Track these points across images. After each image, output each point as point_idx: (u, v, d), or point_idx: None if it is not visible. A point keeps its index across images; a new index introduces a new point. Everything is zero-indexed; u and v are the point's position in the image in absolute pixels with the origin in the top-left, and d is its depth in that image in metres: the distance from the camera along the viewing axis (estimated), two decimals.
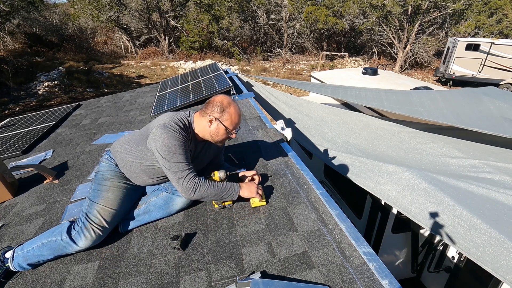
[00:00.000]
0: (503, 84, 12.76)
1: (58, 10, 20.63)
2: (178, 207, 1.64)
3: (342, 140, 3.23)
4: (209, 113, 1.56)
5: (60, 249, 1.42)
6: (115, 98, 4.65)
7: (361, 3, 17.15)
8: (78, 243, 1.42)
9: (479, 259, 1.74)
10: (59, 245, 1.42)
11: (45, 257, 1.42)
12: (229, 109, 1.55)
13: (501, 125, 2.95)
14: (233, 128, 1.60)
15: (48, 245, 1.42)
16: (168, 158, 1.43)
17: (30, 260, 1.41)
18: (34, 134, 3.33)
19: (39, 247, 1.42)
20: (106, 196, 1.53)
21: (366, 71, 7.25)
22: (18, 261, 1.40)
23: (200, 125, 1.59)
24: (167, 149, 1.43)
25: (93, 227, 1.44)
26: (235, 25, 19.76)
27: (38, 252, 1.41)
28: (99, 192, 1.54)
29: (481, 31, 16.41)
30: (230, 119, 1.56)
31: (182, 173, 1.45)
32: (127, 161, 1.60)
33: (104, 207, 1.50)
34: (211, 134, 1.59)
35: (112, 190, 1.56)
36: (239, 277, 1.24)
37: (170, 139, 1.43)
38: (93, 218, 1.46)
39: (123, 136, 1.73)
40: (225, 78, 3.99)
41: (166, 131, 1.44)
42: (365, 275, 1.20)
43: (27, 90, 12.16)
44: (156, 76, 15.51)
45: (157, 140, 1.44)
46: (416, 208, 2.13)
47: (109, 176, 1.60)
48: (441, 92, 4.12)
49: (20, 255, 1.41)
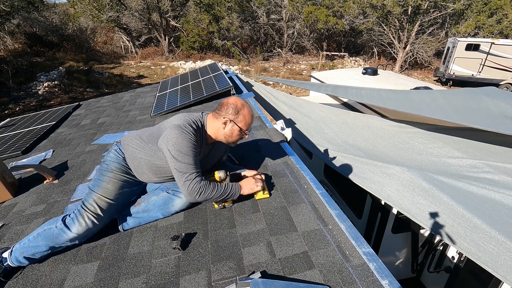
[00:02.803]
0: (503, 84, 12.76)
1: (58, 10, 20.60)
2: (177, 208, 1.65)
3: (342, 140, 3.23)
4: (223, 115, 1.59)
5: (54, 237, 1.43)
6: (115, 98, 4.65)
7: (361, 3, 17.15)
8: (72, 229, 1.44)
9: (479, 259, 1.74)
10: (53, 232, 1.44)
11: (40, 248, 1.43)
12: (243, 110, 1.60)
13: (502, 123, 2.95)
14: (247, 129, 1.65)
15: (43, 234, 1.44)
16: (179, 158, 1.45)
17: (26, 252, 1.42)
18: (34, 134, 3.33)
19: (34, 238, 1.44)
20: (106, 187, 1.56)
21: (366, 71, 7.25)
22: (16, 255, 1.42)
23: (213, 126, 1.62)
24: (179, 149, 1.45)
25: (88, 215, 1.47)
26: (235, 25, 19.76)
27: (33, 243, 1.43)
28: (100, 182, 1.57)
29: (481, 31, 16.41)
30: (244, 120, 1.61)
31: (190, 175, 1.46)
32: (136, 156, 1.62)
33: (101, 196, 1.53)
34: (225, 135, 1.62)
35: (112, 182, 1.58)
36: (239, 277, 1.24)
37: (183, 140, 1.45)
38: (88, 206, 1.50)
39: (135, 131, 1.75)
40: (225, 78, 3.99)
41: (180, 131, 1.46)
42: (365, 275, 1.20)
43: (27, 90, 12.16)
44: (156, 76, 15.52)
45: (170, 139, 1.46)
46: (416, 208, 2.13)
47: (113, 167, 1.62)
48: (441, 92, 4.12)
49: (18, 249, 1.43)
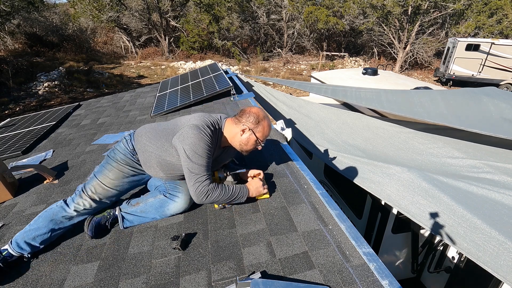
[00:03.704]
0: (503, 84, 12.76)
1: (58, 10, 20.59)
2: (172, 212, 1.65)
3: (342, 141, 3.23)
4: (244, 122, 1.60)
5: (54, 215, 1.51)
6: (115, 98, 4.65)
7: (361, 3, 17.15)
8: (70, 206, 1.56)
9: (479, 259, 1.74)
10: (54, 211, 1.54)
11: (41, 230, 1.48)
12: (263, 122, 1.62)
13: (501, 126, 2.95)
14: (263, 140, 1.65)
15: (44, 214, 1.54)
16: (193, 158, 1.46)
17: (26, 236, 1.45)
18: (34, 134, 3.33)
19: (35, 221, 1.53)
20: (107, 175, 1.62)
21: (366, 71, 7.26)
22: (17, 240, 1.44)
23: (231, 131, 1.63)
24: (195, 149, 1.45)
25: (85, 197, 1.58)
26: (235, 25, 19.76)
27: (34, 226, 1.49)
28: (103, 169, 1.64)
29: (481, 31, 16.40)
30: (263, 131, 1.63)
31: (201, 177, 1.47)
32: (147, 149, 1.62)
33: (100, 183, 1.60)
34: (241, 142, 1.63)
35: (114, 171, 1.62)
36: (239, 277, 1.24)
37: (200, 141, 1.46)
38: (87, 189, 1.60)
39: (150, 124, 1.76)
40: (225, 78, 3.99)
41: (198, 132, 1.47)
42: (365, 275, 1.20)
43: (27, 90, 12.16)
44: (156, 76, 15.52)
45: (187, 138, 1.47)
46: (416, 208, 2.13)
47: (118, 158, 1.65)
48: (441, 92, 4.12)
49: (19, 235, 1.47)
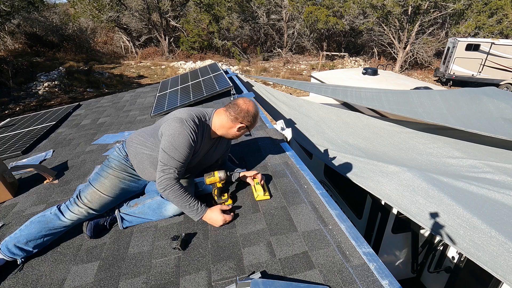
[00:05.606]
0: (503, 84, 12.75)
1: (58, 10, 20.58)
2: (170, 213, 1.63)
3: (342, 141, 3.23)
4: (228, 108, 1.63)
5: (48, 222, 1.47)
6: (115, 98, 4.64)
7: (361, 3, 17.13)
8: (65, 215, 1.51)
9: (479, 259, 1.74)
10: (47, 218, 1.49)
11: (33, 235, 1.44)
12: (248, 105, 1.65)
13: (501, 127, 2.95)
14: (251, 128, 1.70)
15: (36, 220, 1.49)
16: (167, 150, 1.46)
17: (18, 242, 1.42)
18: (34, 134, 3.33)
19: (26, 226, 1.47)
20: (103, 182, 1.60)
21: (366, 71, 7.26)
22: (7, 246, 1.41)
23: (218, 120, 1.65)
24: (172, 142, 1.46)
25: (80, 205, 1.54)
26: (235, 25, 19.76)
27: (25, 231, 1.45)
28: (99, 176, 1.62)
29: (481, 31, 16.38)
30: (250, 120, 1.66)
31: (169, 169, 1.47)
32: (139, 152, 1.63)
33: (96, 190, 1.58)
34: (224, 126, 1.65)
35: (110, 178, 1.61)
36: (239, 277, 1.24)
37: (180, 134, 1.46)
38: (83, 197, 1.56)
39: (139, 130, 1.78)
40: (225, 78, 3.99)
41: (180, 125, 1.47)
42: (365, 275, 1.20)
43: (27, 90, 12.15)
44: (156, 76, 15.51)
45: (168, 130, 1.48)
46: (416, 208, 2.13)
47: (113, 165, 1.65)
48: (441, 92, 4.12)
49: (8, 240, 1.44)
